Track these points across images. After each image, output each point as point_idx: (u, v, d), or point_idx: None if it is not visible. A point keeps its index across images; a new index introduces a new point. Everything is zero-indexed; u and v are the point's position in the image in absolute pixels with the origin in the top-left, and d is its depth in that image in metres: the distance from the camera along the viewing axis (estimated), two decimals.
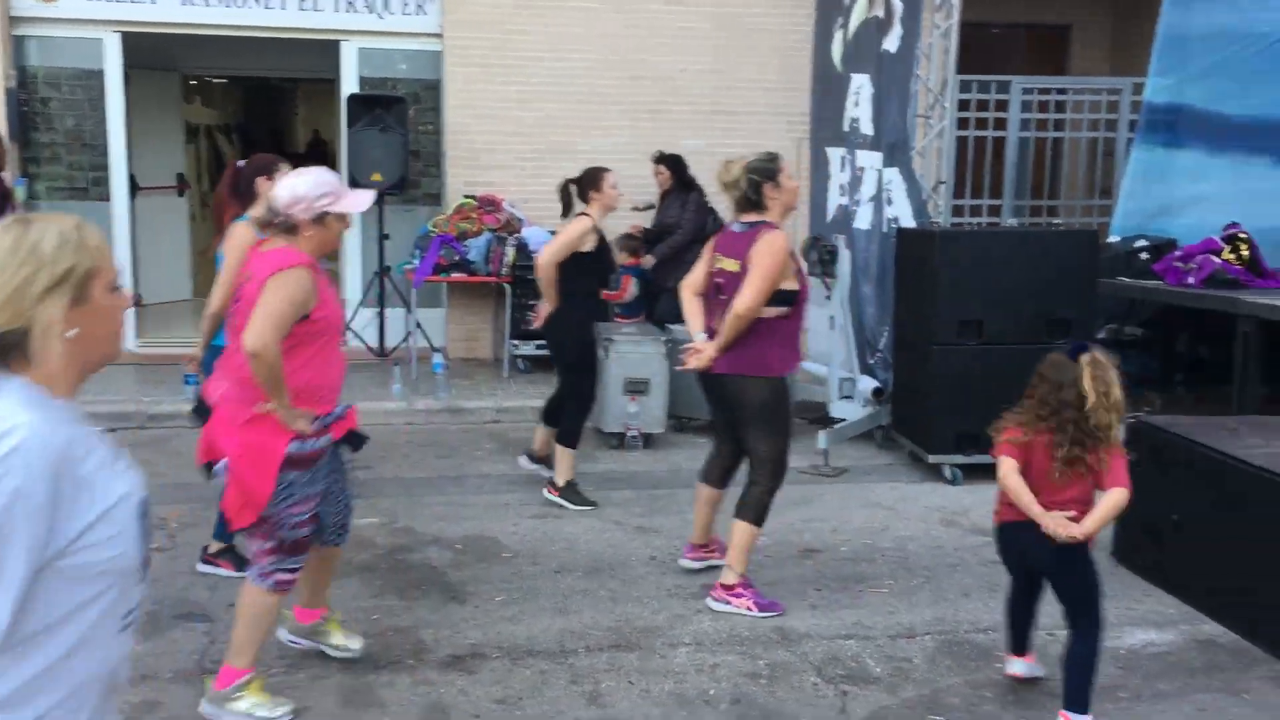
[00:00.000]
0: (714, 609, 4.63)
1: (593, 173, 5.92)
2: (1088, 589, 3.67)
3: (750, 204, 4.57)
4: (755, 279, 4.43)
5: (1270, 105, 8.17)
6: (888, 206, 7.67)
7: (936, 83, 8.15)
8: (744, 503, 4.68)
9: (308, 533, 3.68)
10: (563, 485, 6.01)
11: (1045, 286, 6.56)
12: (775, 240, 4.46)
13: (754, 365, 4.55)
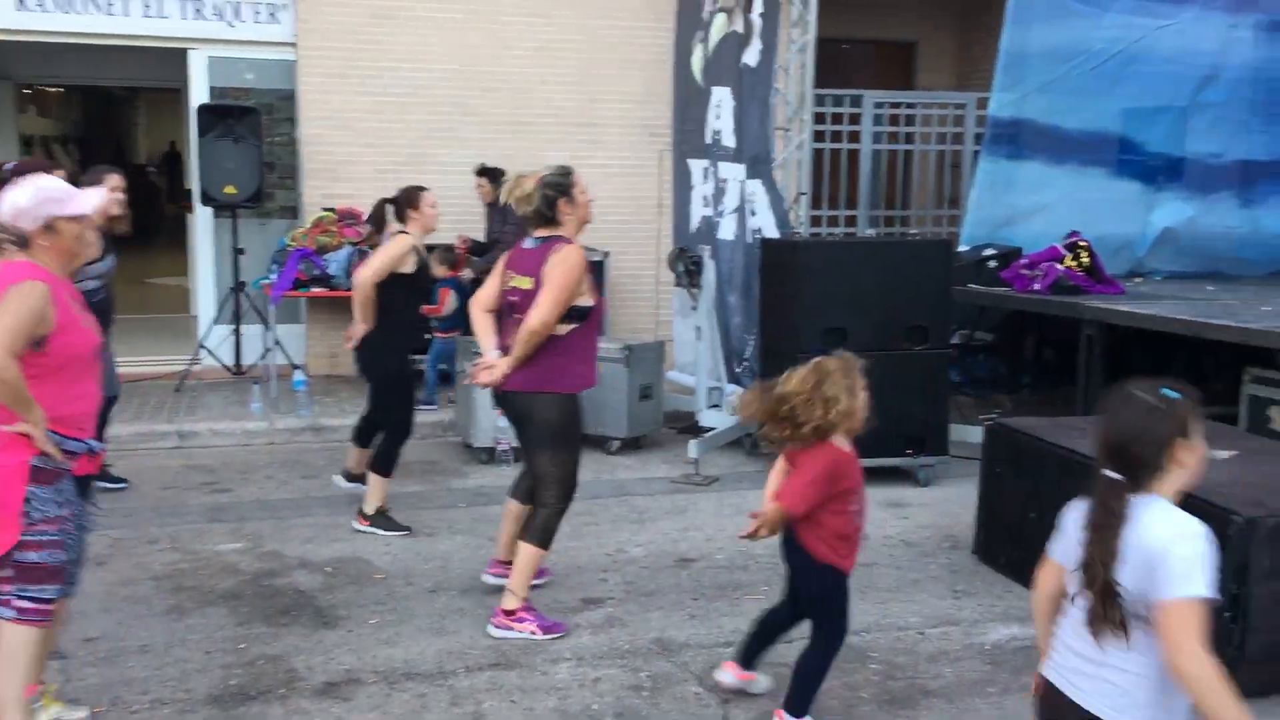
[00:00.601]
0: (494, 635, 4.49)
1: (410, 192, 5.74)
2: (819, 600, 3.73)
3: (544, 220, 4.48)
4: (549, 295, 4.34)
5: (1104, 119, 8.64)
6: (751, 217, 7.81)
7: (795, 96, 8.34)
8: (530, 525, 4.57)
9: (51, 558, 3.26)
10: (372, 513, 5.78)
11: (903, 294, 6.76)
12: (570, 255, 4.38)
13: (545, 382, 4.45)
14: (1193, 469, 2.39)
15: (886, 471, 6.91)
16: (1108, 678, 2.36)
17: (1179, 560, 2.24)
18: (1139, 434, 2.35)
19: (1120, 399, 2.42)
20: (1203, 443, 2.39)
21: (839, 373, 3.57)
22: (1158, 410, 2.36)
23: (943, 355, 6.99)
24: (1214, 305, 7.13)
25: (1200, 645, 2.22)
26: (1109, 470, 2.39)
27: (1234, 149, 8.86)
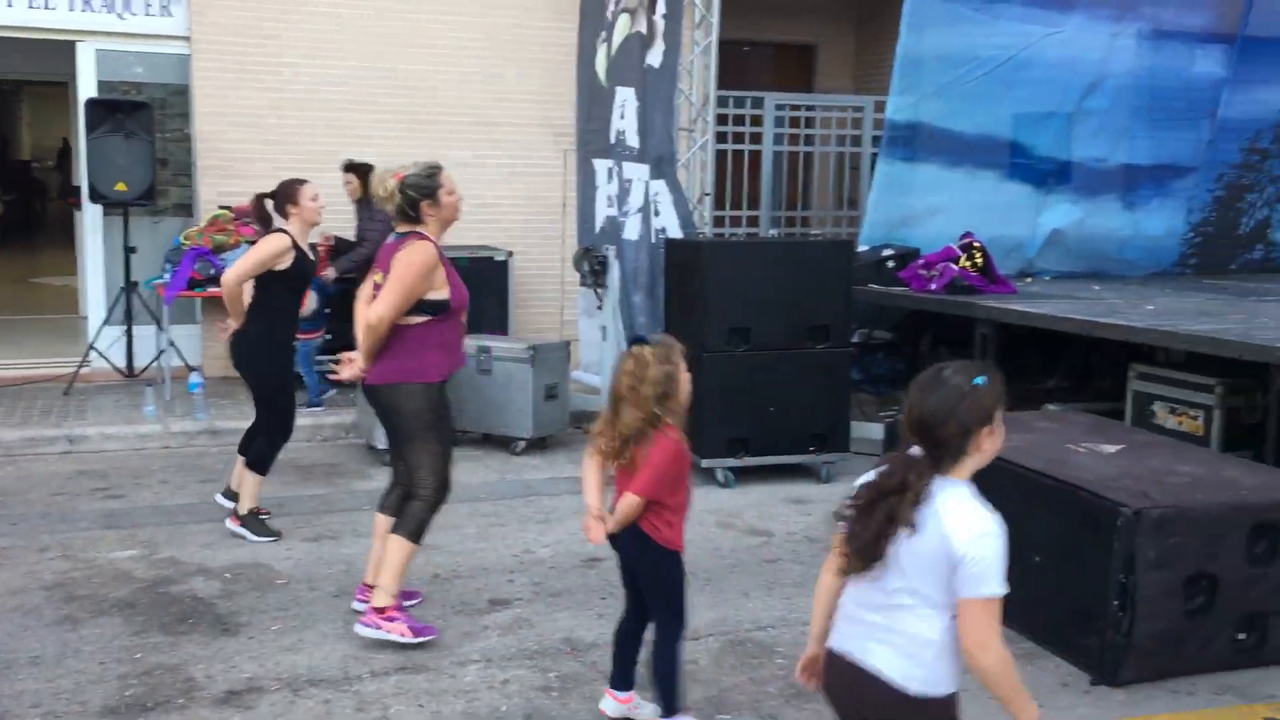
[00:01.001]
0: (362, 635, 4.41)
1: (288, 186, 5.61)
2: (662, 583, 3.67)
3: (407, 218, 4.44)
4: (389, 290, 4.32)
5: (996, 124, 8.88)
6: (655, 217, 7.86)
7: (698, 97, 8.41)
8: (402, 518, 4.49)
9: None
10: (245, 514, 5.67)
11: (806, 294, 6.87)
12: (415, 252, 4.32)
13: (403, 373, 4.40)
14: (991, 454, 2.48)
15: (790, 468, 7.02)
16: (892, 641, 2.48)
17: (977, 561, 2.36)
18: (947, 417, 2.41)
19: (933, 380, 2.47)
20: (1003, 429, 2.48)
21: (658, 358, 3.49)
22: (966, 396, 2.42)
23: (844, 354, 7.12)
24: (1100, 304, 7.39)
25: (997, 640, 2.38)
26: (914, 445, 2.48)
27: (1117, 153, 9.19)
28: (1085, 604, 4.31)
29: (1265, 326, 6.22)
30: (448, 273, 4.47)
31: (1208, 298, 7.92)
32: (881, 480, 2.48)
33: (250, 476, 5.68)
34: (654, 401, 3.47)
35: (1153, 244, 9.59)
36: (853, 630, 2.56)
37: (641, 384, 3.46)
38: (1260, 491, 4.42)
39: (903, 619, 2.47)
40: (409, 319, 4.37)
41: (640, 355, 3.49)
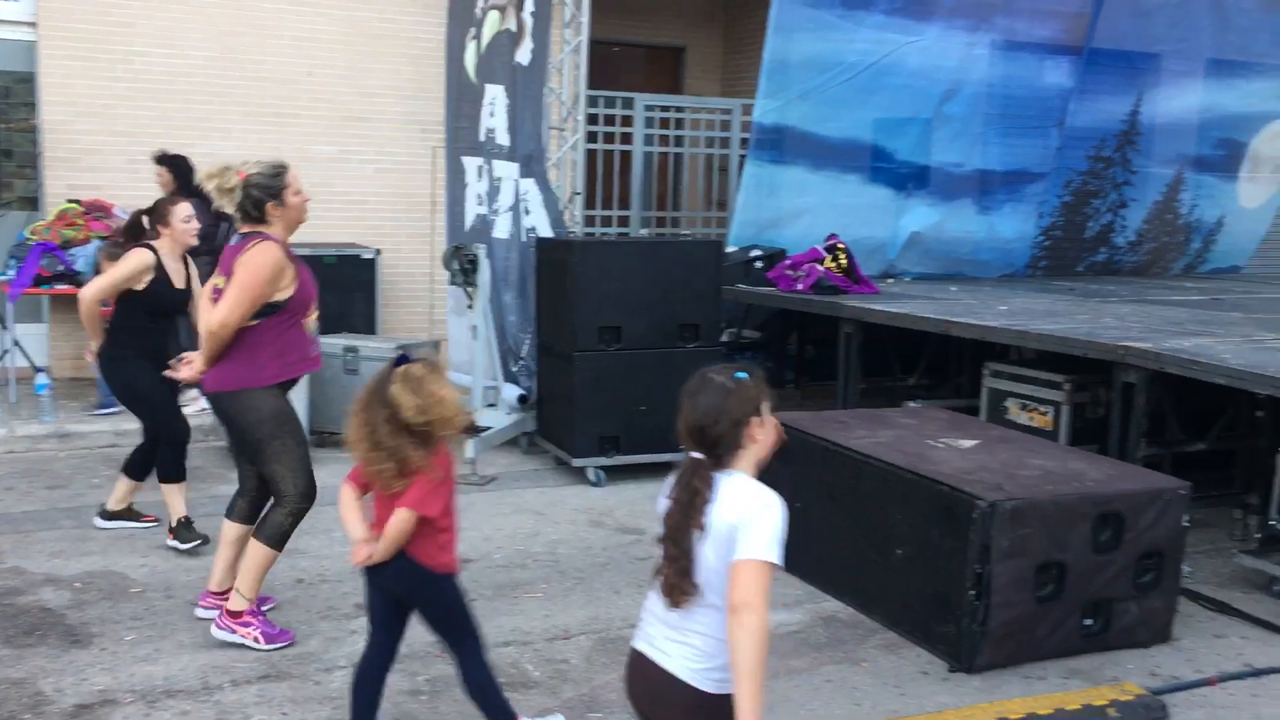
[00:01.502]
0: (217, 638, 4.35)
1: (162, 204, 5.47)
2: (447, 609, 3.50)
3: (250, 218, 4.32)
4: (229, 295, 4.19)
5: (858, 128, 9.10)
6: (525, 216, 7.82)
7: (569, 97, 8.40)
8: (263, 523, 4.40)
9: None
10: (175, 524, 5.50)
11: (676, 293, 6.94)
12: (259, 254, 4.19)
13: (240, 379, 4.28)
14: (767, 442, 2.59)
15: (661, 466, 7.05)
16: (690, 641, 2.52)
17: (751, 526, 2.43)
18: (717, 415, 2.51)
19: (699, 384, 2.57)
20: (774, 418, 2.59)
21: (428, 377, 3.33)
22: (732, 392, 2.52)
23: (713, 352, 7.20)
24: (957, 304, 7.65)
25: (763, 606, 2.40)
26: (693, 450, 2.56)
27: (972, 159, 9.52)
28: (944, 594, 4.46)
29: (1109, 326, 6.52)
30: (298, 270, 4.34)
31: (1056, 298, 8.27)
32: (676, 494, 2.55)
33: (167, 489, 5.48)
34: (424, 420, 3.28)
35: (1006, 246, 9.97)
36: (653, 631, 2.59)
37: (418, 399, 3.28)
38: (1104, 483, 4.63)
39: (696, 616, 2.50)
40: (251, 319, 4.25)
41: (408, 371, 3.32)
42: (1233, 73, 10.35)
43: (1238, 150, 10.78)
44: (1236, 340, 6.02)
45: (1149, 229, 10.67)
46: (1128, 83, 9.94)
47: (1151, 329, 6.42)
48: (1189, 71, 10.20)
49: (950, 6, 9.03)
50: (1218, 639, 4.77)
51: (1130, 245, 10.68)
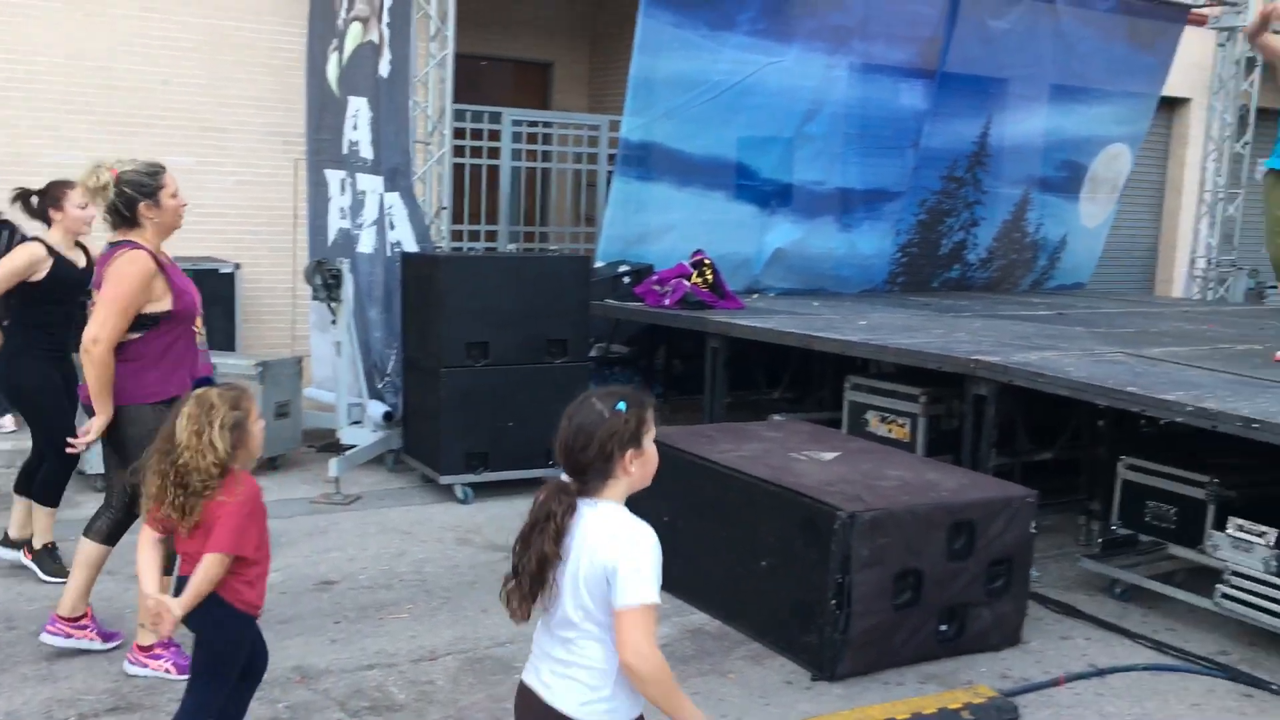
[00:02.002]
0: (128, 672, 4.21)
1: (53, 187, 5.08)
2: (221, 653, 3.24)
3: (122, 220, 4.14)
4: (100, 310, 4.03)
5: (723, 146, 9.25)
6: (390, 231, 7.73)
7: (434, 110, 8.33)
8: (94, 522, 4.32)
9: None
10: (39, 548, 5.26)
11: (544, 308, 6.95)
12: (126, 264, 4.03)
13: (123, 394, 4.10)
14: (643, 475, 2.56)
15: (529, 482, 7.04)
16: (575, 675, 2.49)
17: (631, 571, 2.39)
18: (587, 442, 2.47)
19: (578, 406, 2.53)
20: (653, 451, 2.56)
21: (227, 402, 3.17)
22: (606, 421, 2.48)
23: (582, 368, 7.23)
24: (819, 320, 7.84)
25: (652, 647, 2.39)
26: (565, 473, 2.54)
27: (833, 178, 9.77)
28: (807, 604, 4.55)
29: (961, 341, 6.77)
30: (171, 279, 4.17)
31: (913, 313, 8.55)
32: (533, 513, 2.52)
33: (39, 510, 5.20)
34: (226, 449, 3.12)
35: (865, 263, 10.26)
36: (538, 664, 2.57)
37: (210, 428, 3.10)
38: (957, 493, 4.81)
39: (576, 648, 2.48)
40: (127, 335, 4.08)
41: (204, 398, 3.15)
42: (1074, 98, 10.88)
43: (1079, 172, 11.33)
44: (1079, 354, 6.33)
45: (999, 247, 11.12)
46: (978, 106, 10.35)
47: (1001, 343, 6.69)
48: (1034, 96, 10.67)
49: (810, 29, 9.26)
50: (1064, 640, 4.99)
51: (981, 262, 11.11)
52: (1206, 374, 5.80)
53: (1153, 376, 5.62)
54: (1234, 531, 4.99)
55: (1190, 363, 6.15)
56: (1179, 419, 4.96)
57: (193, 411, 3.13)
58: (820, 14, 9.27)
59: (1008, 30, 10.18)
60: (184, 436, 3.10)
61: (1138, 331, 7.66)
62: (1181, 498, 5.41)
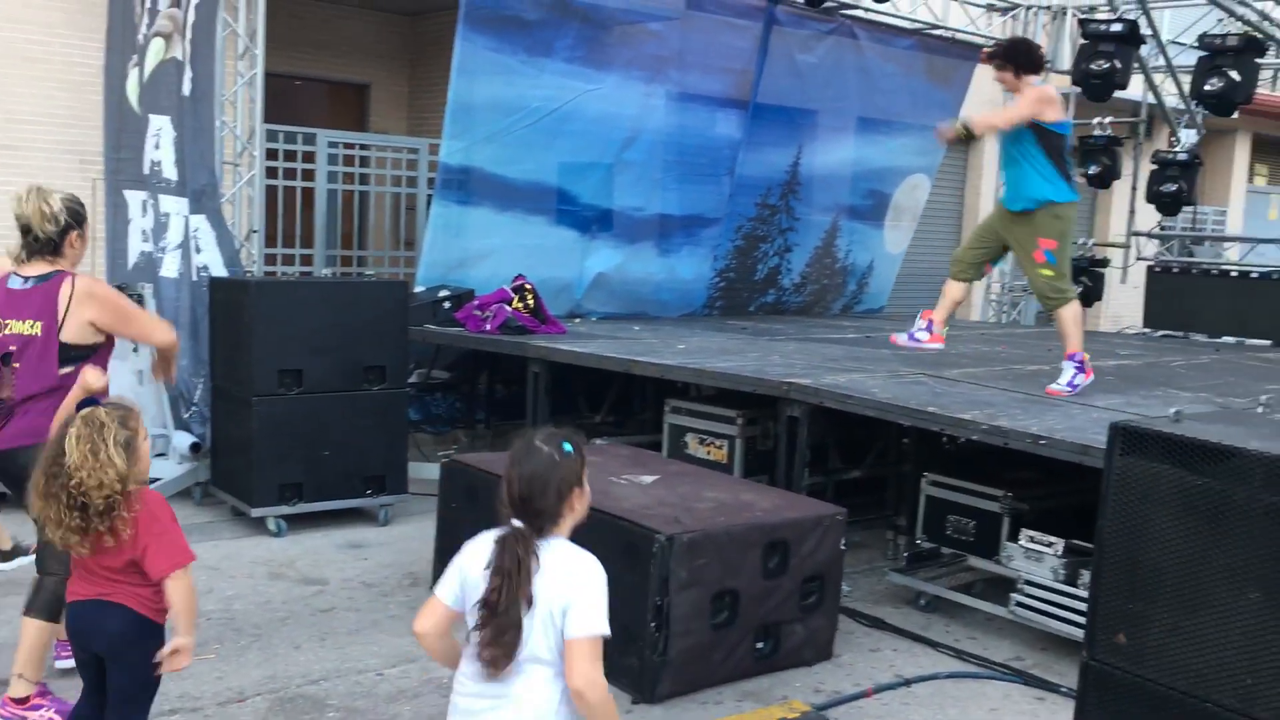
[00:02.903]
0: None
1: None
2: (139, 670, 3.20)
3: (50, 249, 4.08)
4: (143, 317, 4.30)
5: (543, 171, 9.28)
6: (197, 254, 7.44)
7: (244, 131, 8.08)
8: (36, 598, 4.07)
9: None
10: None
11: (361, 334, 6.80)
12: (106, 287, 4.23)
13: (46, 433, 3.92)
14: (583, 512, 2.73)
15: (347, 512, 6.88)
16: (524, 713, 2.57)
17: (586, 604, 2.57)
18: (544, 487, 2.60)
19: (524, 453, 2.63)
20: (588, 486, 2.74)
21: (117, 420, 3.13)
22: (559, 465, 2.62)
23: (401, 394, 7.11)
24: (639, 344, 7.94)
25: (601, 676, 2.56)
26: (515, 519, 2.62)
27: (652, 204, 9.93)
28: (627, 627, 4.57)
29: (775, 364, 6.98)
30: None
31: (730, 337, 8.75)
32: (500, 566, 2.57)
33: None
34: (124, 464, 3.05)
35: (684, 287, 10.46)
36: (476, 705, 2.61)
37: (105, 446, 3.04)
38: (771, 512, 4.94)
39: (525, 689, 2.57)
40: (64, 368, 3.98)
41: (93, 416, 3.09)
42: (878, 130, 11.39)
43: (883, 200, 11.85)
44: (884, 375, 6.61)
45: (811, 272, 11.52)
46: (789, 136, 10.71)
47: (812, 366, 6.92)
48: (842, 128, 11.12)
49: (628, 58, 9.40)
50: (873, 653, 5.18)
51: (795, 287, 11.48)
52: (1000, 393, 6.15)
53: (951, 396, 5.92)
54: (1026, 543, 5.30)
55: (985, 383, 6.51)
56: (975, 437, 5.24)
57: (83, 431, 3.07)
58: (637, 44, 9.43)
59: (816, 64, 10.58)
60: (76, 457, 3.03)
61: (937, 354, 8.04)
62: (979, 511, 5.71)
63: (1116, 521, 3.27)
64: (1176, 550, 3.11)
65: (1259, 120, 16.78)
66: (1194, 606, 3.06)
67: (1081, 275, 12.31)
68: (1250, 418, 3.69)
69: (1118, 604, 3.26)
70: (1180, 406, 5.13)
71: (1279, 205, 19.99)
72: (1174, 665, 3.10)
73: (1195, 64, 10.32)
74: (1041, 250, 6.08)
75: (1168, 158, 11.80)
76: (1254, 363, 8.89)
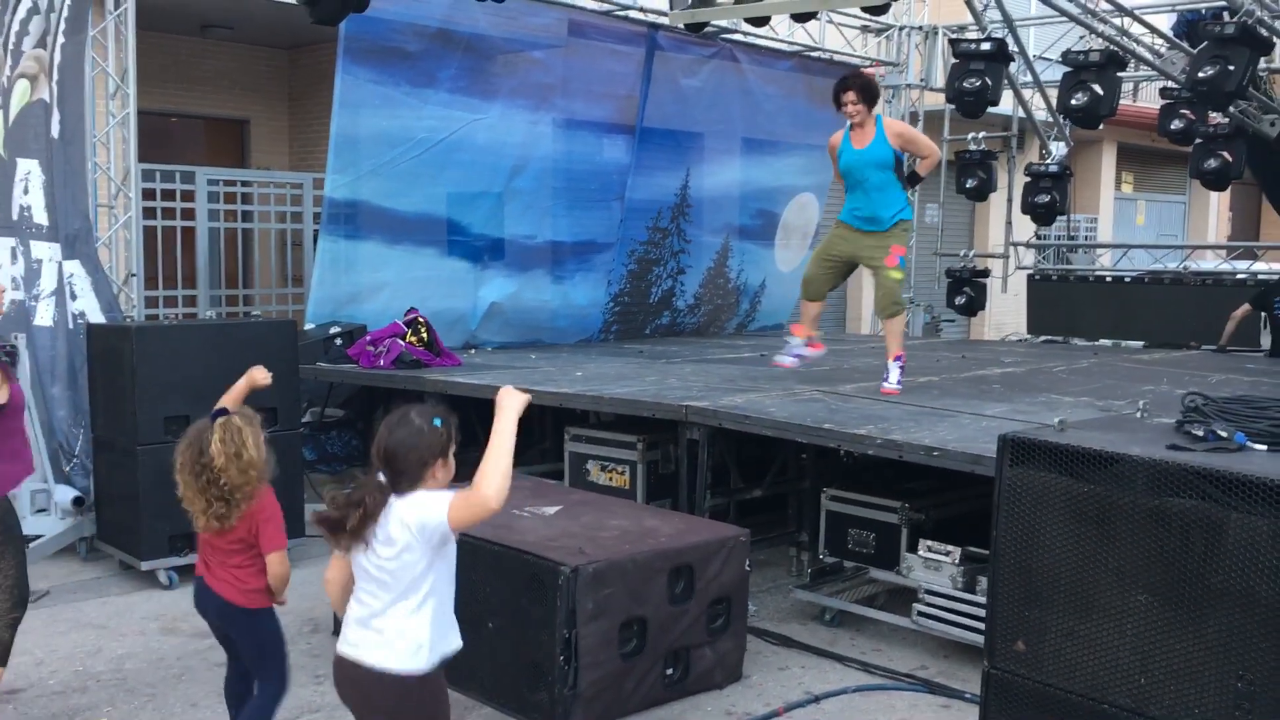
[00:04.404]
0: None
1: None
2: (262, 647, 3.86)
3: None
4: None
5: (432, 202, 9.20)
6: (72, 301, 7.19)
7: (118, 172, 7.84)
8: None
9: None
10: None
11: None
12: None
13: None
14: (443, 482, 3.04)
15: None
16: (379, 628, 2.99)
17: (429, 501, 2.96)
18: (409, 450, 2.97)
19: (399, 419, 3.02)
20: (453, 462, 3.05)
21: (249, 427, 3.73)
22: (425, 434, 2.99)
23: (294, 436, 6.96)
24: (536, 372, 7.91)
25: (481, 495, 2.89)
26: (380, 472, 3.00)
27: (544, 231, 9.92)
28: (536, 661, 4.54)
29: (673, 387, 7.01)
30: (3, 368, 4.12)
31: (627, 361, 8.77)
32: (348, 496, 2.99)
33: None
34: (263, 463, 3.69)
35: (580, 314, 10.46)
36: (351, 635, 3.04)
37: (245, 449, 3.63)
38: (675, 537, 4.95)
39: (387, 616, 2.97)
40: None
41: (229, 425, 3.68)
42: (763, 151, 11.58)
43: (772, 220, 12.04)
44: (780, 394, 6.69)
45: (705, 293, 11.62)
46: (677, 159, 10.82)
47: (710, 387, 6.97)
48: (728, 149, 11.28)
49: (513, 86, 9.39)
50: (782, 671, 5.22)
51: (690, 308, 11.58)
52: (893, 406, 6.27)
53: (846, 412, 6.02)
54: (924, 552, 5.40)
55: (879, 397, 6.63)
56: (870, 451, 5.33)
57: (224, 436, 3.63)
58: (521, 72, 9.44)
59: (699, 88, 10.72)
60: (221, 460, 3.59)
61: (832, 369, 8.18)
62: (878, 524, 5.80)
63: (1009, 531, 3.35)
64: (1068, 556, 3.20)
65: (1123, 130, 17.50)
66: (1087, 611, 3.15)
67: (964, 286, 12.70)
68: (1130, 422, 3.82)
69: (1015, 611, 3.34)
70: (1064, 413, 5.30)
71: (1146, 211, 20.89)
72: (1071, 669, 3.19)
73: (1061, 79, 10.71)
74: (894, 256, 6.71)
75: (1040, 169, 12.22)
76: (1131, 365, 9.24)
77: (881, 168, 6.62)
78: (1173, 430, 3.46)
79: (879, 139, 6.63)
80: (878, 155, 6.61)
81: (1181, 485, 2.97)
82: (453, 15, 8.77)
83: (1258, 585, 2.83)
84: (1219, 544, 2.91)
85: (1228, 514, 2.88)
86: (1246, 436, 3.22)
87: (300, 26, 8.74)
